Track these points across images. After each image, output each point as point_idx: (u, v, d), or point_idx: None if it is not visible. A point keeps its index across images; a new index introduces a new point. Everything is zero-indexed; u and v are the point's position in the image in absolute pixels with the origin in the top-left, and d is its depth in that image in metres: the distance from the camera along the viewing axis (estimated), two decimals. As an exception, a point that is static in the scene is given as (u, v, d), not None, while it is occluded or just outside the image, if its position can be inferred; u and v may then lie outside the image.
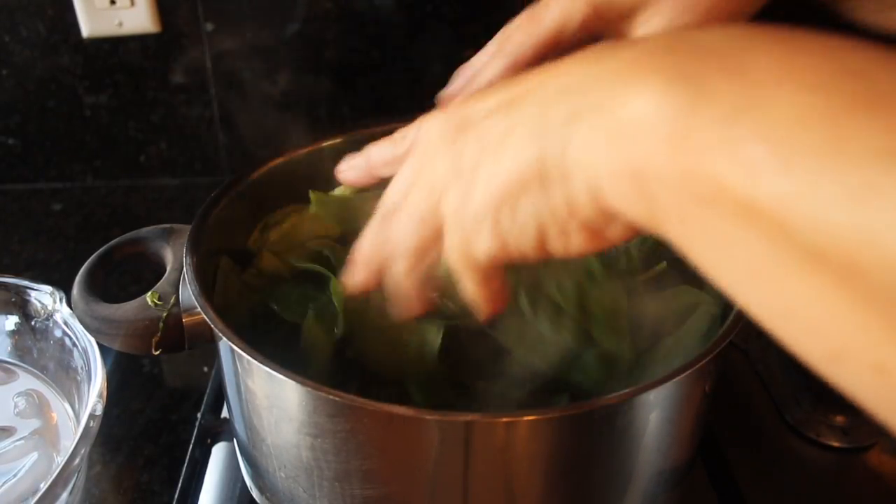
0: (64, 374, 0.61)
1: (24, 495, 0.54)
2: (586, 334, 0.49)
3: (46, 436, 0.58)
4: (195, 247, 0.51)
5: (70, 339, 0.60)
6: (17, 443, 0.57)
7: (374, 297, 0.53)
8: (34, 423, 0.59)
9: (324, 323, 0.52)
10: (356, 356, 0.51)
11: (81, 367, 0.58)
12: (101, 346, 0.55)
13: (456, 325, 0.52)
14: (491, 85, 0.46)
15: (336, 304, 0.52)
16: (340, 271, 0.53)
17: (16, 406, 0.60)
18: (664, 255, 0.57)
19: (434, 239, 0.38)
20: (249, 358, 0.43)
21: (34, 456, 0.56)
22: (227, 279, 0.55)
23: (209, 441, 0.62)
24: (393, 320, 0.51)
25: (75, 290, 0.52)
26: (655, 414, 0.44)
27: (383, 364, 0.50)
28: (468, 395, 0.49)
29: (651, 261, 0.56)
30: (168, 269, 0.53)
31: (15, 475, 0.55)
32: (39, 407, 0.60)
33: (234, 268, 0.56)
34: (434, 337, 0.50)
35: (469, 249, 0.36)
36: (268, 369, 0.42)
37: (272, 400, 0.45)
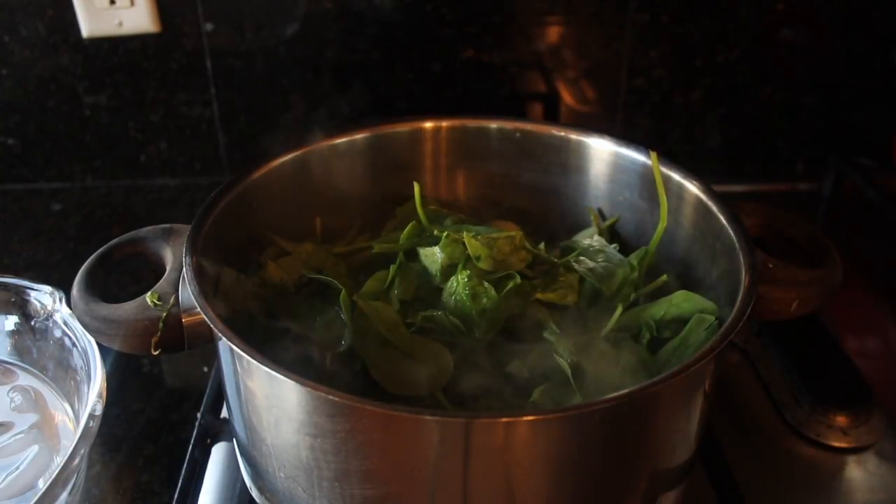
0: (63, 374, 0.61)
1: (27, 487, 0.54)
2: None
3: (45, 429, 0.58)
4: (195, 247, 0.51)
5: (70, 339, 0.59)
6: (17, 437, 0.57)
7: (383, 312, 0.53)
8: (31, 418, 0.59)
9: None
10: (364, 369, 0.51)
11: (81, 367, 0.58)
12: (101, 346, 0.55)
13: (462, 341, 0.52)
14: None
15: (345, 316, 0.52)
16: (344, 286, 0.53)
17: (12, 401, 0.60)
18: (664, 269, 0.57)
19: None
20: (249, 358, 0.43)
21: (35, 449, 0.56)
22: (229, 286, 0.55)
23: (209, 441, 0.62)
24: (402, 335, 0.52)
25: (75, 290, 0.52)
26: (655, 414, 0.44)
27: (391, 378, 0.50)
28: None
29: (652, 274, 0.57)
30: (168, 269, 0.53)
31: (17, 468, 0.55)
32: (35, 401, 0.60)
33: (238, 276, 0.56)
34: (448, 356, 0.50)
35: None
36: (268, 369, 0.42)
37: (272, 400, 0.45)
